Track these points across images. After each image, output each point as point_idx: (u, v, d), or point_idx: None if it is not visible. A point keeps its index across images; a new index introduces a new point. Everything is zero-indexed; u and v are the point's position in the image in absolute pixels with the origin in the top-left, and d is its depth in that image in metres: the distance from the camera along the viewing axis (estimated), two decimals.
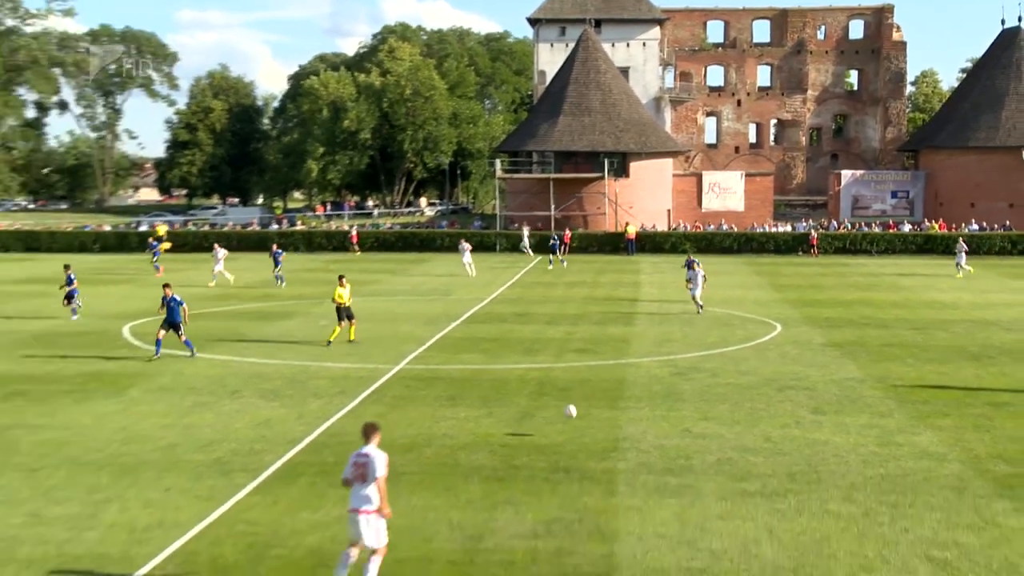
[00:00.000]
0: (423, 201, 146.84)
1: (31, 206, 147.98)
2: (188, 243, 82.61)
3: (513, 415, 24.80)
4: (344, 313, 35.75)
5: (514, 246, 78.98)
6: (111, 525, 17.27)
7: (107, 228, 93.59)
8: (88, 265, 68.70)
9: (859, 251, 77.72)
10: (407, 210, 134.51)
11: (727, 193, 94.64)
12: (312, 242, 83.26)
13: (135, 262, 73.20)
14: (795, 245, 78.49)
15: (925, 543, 16.32)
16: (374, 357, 32.66)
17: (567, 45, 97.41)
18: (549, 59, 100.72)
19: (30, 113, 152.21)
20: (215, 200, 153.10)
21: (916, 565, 15.44)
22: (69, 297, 42.77)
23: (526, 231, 79.10)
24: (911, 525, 17.13)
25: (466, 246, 63.72)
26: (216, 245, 61.65)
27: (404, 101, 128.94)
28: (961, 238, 68.93)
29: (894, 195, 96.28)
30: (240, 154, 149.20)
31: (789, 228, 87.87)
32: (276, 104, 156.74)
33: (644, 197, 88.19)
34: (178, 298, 32.92)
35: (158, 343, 32.58)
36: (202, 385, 28.69)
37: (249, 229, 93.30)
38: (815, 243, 77.08)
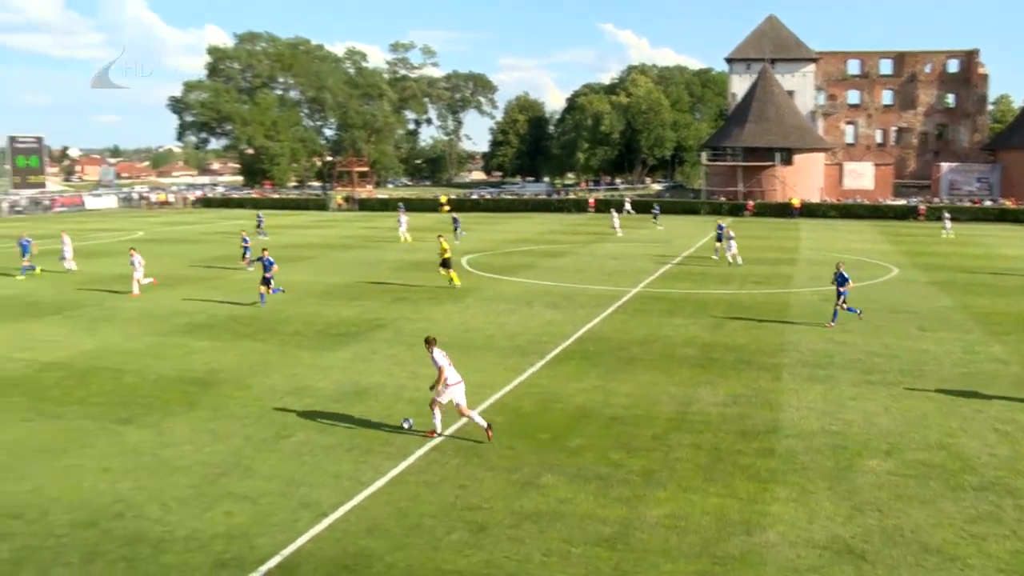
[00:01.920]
0: (648, 180, 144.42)
1: (408, 182, 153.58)
2: (500, 207, 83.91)
3: (711, 324, 24.55)
4: (447, 263, 31.69)
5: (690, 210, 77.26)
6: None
7: (452, 196, 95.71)
8: (440, 219, 70.87)
9: (953, 220, 72.29)
10: (641, 186, 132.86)
11: (861, 177, 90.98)
12: (578, 206, 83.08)
13: (469, 218, 74.97)
14: (907, 214, 73.59)
15: (993, 420, 15.57)
16: (621, 283, 32.72)
17: (751, 75, 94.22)
18: (739, 85, 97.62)
19: (410, 126, 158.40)
20: (518, 178, 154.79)
21: (986, 434, 14.82)
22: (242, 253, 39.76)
23: (627, 202, 77.12)
24: (983, 407, 16.34)
25: (621, 210, 60.90)
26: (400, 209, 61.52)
27: (641, 114, 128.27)
28: None
29: (979, 180, 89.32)
30: (534, 148, 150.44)
31: (904, 202, 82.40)
32: (558, 116, 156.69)
33: (803, 179, 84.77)
34: (271, 259, 28.13)
35: (262, 296, 27.80)
36: (510, 298, 29.37)
37: (539, 197, 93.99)
38: (922, 212, 72.09)
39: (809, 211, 75.11)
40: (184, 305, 27.88)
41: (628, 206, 76.23)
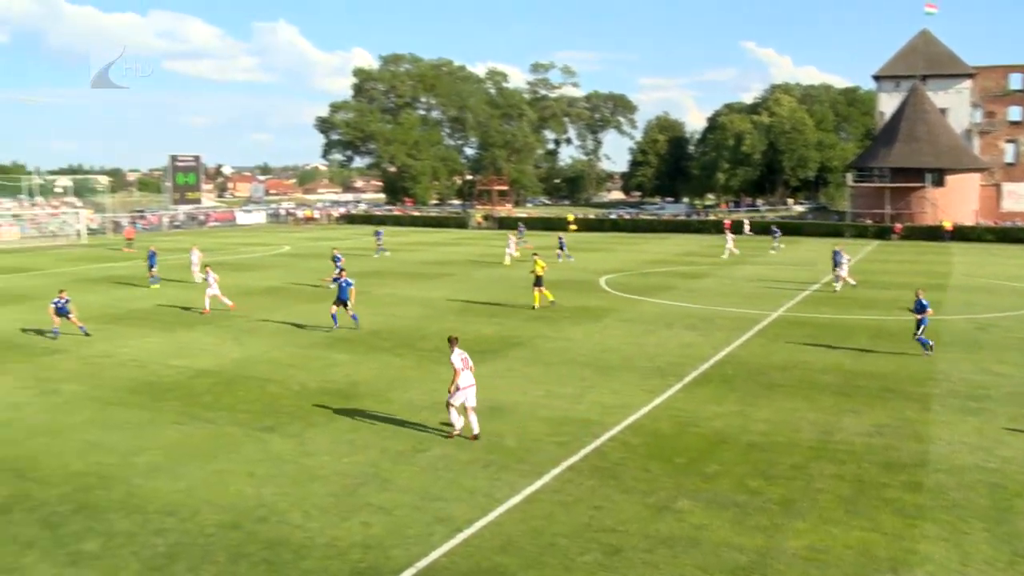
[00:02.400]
0: (790, 201, 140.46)
1: (547, 201, 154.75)
2: (639, 227, 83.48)
3: (855, 350, 23.63)
4: (539, 282, 31.49)
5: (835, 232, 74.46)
6: (592, 402, 18.00)
7: (591, 216, 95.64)
8: (578, 238, 71.10)
9: None
10: (783, 207, 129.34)
11: (1022, 199, 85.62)
12: (718, 227, 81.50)
13: (607, 239, 74.83)
14: None
15: None
16: (761, 306, 31.95)
17: (901, 93, 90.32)
18: (887, 103, 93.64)
19: (550, 145, 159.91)
20: (657, 199, 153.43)
21: None
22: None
23: (746, 223, 75.61)
24: None
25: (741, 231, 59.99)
26: (511, 232, 59.96)
27: (784, 134, 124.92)
28: None
29: None
30: (674, 169, 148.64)
31: None
32: (698, 136, 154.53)
33: (956, 201, 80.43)
34: (350, 280, 27.43)
35: (333, 316, 26.87)
36: (649, 319, 29.12)
37: (678, 218, 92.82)
38: None
39: (962, 235, 71.40)
40: (326, 318, 28.93)
41: (747, 227, 75.14)
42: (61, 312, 26.22)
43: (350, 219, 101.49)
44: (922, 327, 22.99)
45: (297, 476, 13.82)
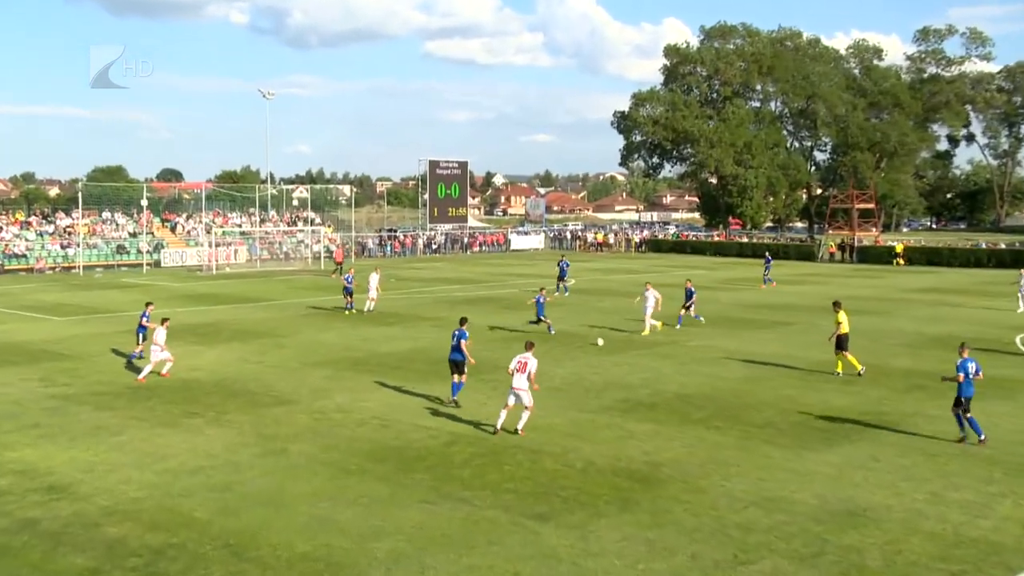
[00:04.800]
0: None
1: (933, 226, 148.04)
2: None
3: None
4: (841, 343, 30.26)
5: None
6: (1005, 518, 16.73)
7: (1002, 246, 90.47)
8: (980, 279, 67.36)
9: None
10: None
11: None
12: None
13: None
14: None
15: None
16: None
17: None
18: None
19: (940, 146, 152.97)
20: None
21: None
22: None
23: None
24: None
25: None
26: None
27: None
28: None
29: None
30: None
31: None
32: None
33: None
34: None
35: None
36: None
37: None
38: None
39: None
40: (619, 373, 29.12)
41: None
42: (143, 328, 31.04)
43: (655, 246, 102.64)
44: None
45: None
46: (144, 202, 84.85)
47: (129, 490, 17.95)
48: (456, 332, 25.47)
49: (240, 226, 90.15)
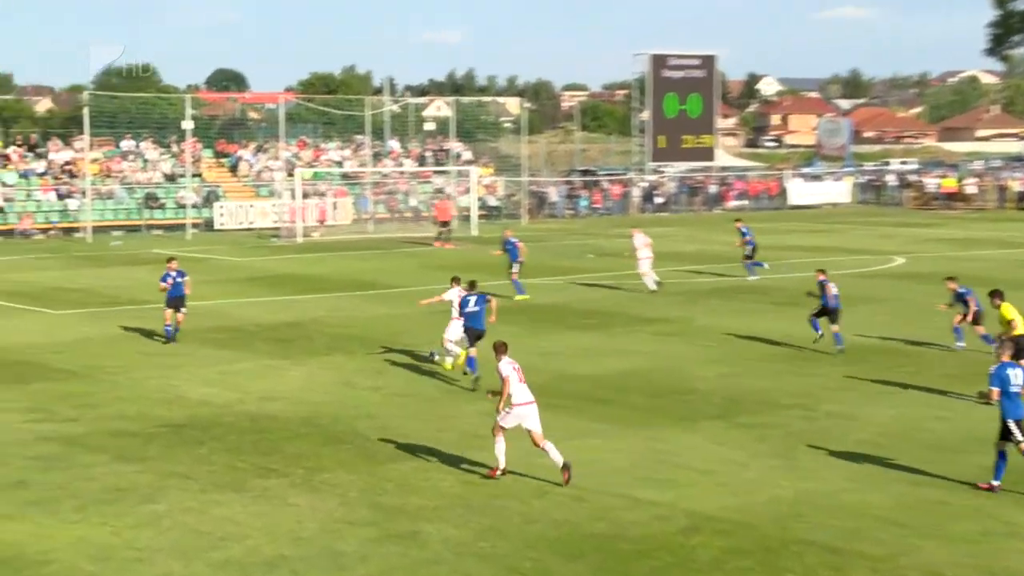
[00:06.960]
0: None
1: None
2: None
3: None
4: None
5: None
6: None
7: None
8: None
9: None
10: None
11: None
12: None
13: None
14: None
15: None
16: None
17: None
18: None
19: None
20: None
21: None
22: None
23: None
24: None
25: None
26: None
27: None
28: None
29: None
30: None
31: None
32: None
33: None
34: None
35: None
36: None
37: None
38: None
39: None
40: None
41: None
42: (175, 295, 26.93)
43: None
44: None
45: None
46: (187, 124, 60.80)
47: None
48: (474, 296, 23.07)
49: (341, 164, 67.18)
